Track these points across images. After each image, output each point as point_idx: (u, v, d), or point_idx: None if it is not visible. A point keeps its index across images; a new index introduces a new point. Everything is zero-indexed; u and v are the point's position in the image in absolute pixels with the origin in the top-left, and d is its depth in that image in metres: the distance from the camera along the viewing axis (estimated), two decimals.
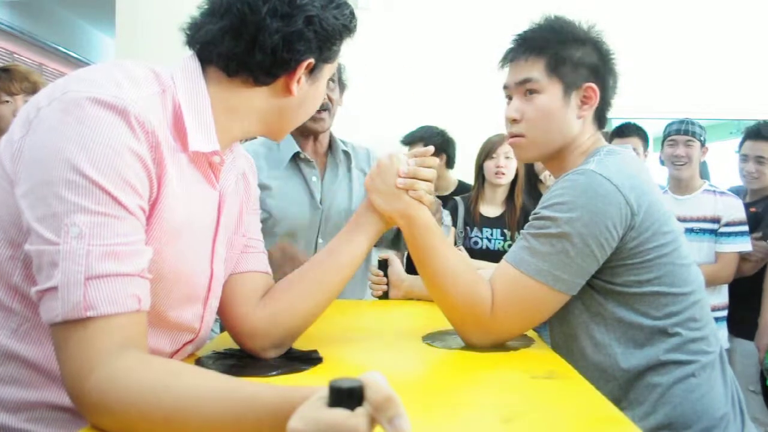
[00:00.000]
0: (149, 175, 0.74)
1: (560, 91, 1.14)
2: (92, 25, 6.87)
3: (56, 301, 0.66)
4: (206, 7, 0.86)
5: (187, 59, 0.87)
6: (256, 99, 0.88)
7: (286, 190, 1.70)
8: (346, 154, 1.81)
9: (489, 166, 2.58)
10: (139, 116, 0.72)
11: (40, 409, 0.76)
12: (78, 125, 0.69)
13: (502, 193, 2.64)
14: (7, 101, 2.14)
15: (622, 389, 1.07)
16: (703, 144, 2.57)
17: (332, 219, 1.73)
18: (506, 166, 2.56)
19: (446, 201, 2.75)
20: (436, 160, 1.09)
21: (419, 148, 1.09)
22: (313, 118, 1.52)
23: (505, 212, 2.61)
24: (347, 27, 0.90)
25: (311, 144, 1.76)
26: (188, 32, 0.87)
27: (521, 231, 1.10)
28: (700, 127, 2.59)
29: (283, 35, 0.83)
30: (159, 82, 0.80)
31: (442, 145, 2.97)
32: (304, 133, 1.73)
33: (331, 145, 1.80)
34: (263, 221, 1.69)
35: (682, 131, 2.56)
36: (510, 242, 2.54)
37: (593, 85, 1.15)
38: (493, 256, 2.48)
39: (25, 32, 5.81)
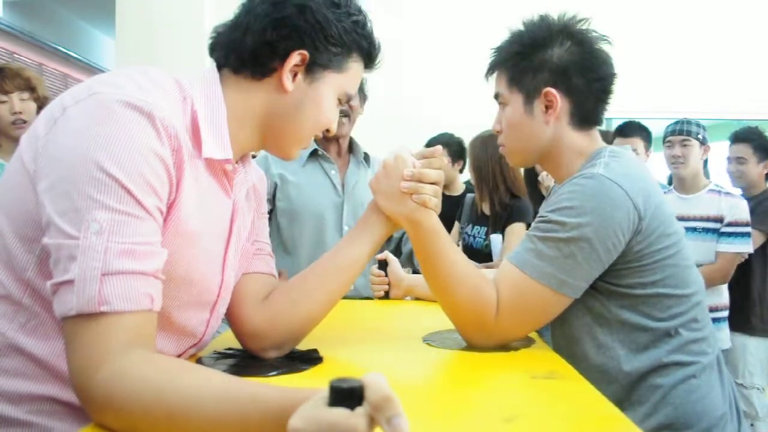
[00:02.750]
0: (170, 178, 0.76)
1: (521, 102, 1.15)
2: (92, 25, 6.87)
3: (71, 295, 0.67)
4: None
5: (207, 69, 0.90)
6: (255, 99, 0.89)
7: (308, 181, 1.99)
8: (367, 156, 2.10)
9: None
10: (164, 120, 0.74)
11: (41, 402, 0.77)
12: (105, 125, 0.71)
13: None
14: (4, 101, 2.11)
15: (625, 391, 1.07)
16: (702, 142, 2.58)
17: (355, 207, 1.99)
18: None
19: (455, 202, 2.97)
20: (443, 161, 1.06)
21: (426, 149, 1.06)
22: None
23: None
24: (351, 34, 0.90)
25: (333, 146, 2.04)
26: (211, 36, 0.92)
27: (527, 232, 1.09)
28: (698, 125, 2.60)
29: (271, 19, 0.86)
30: (180, 90, 0.83)
31: (461, 153, 3.25)
32: (327, 138, 1.98)
33: (352, 147, 2.08)
34: (289, 212, 1.93)
35: (677, 131, 2.61)
36: (488, 242, 2.56)
37: (552, 89, 1.11)
38: (473, 254, 2.50)
39: (25, 32, 5.81)
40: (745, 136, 2.75)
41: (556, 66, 1.12)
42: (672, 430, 1.05)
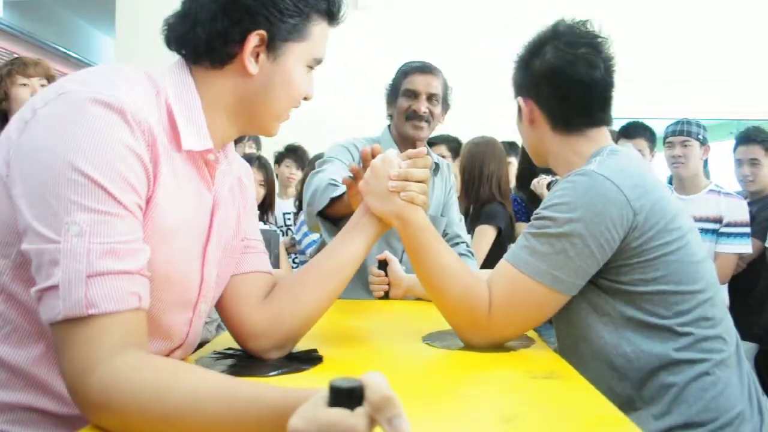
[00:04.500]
0: (147, 173, 0.75)
1: (517, 109, 1.24)
2: (92, 25, 6.87)
3: (57, 300, 0.66)
4: None
5: (178, 60, 0.87)
6: (222, 88, 0.86)
7: None
8: (436, 164, 2.01)
9: None
10: (135, 115, 0.73)
11: (18, 411, 0.76)
12: (75, 125, 0.69)
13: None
14: (25, 84, 2.23)
15: (636, 388, 1.06)
16: (702, 143, 2.57)
17: None
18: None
19: None
20: (429, 161, 1.08)
21: (412, 149, 1.08)
22: (414, 126, 1.85)
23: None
24: (307, 1, 0.86)
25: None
26: (163, 29, 0.88)
27: (523, 231, 1.10)
28: (698, 125, 2.59)
29: (219, 5, 0.81)
30: (152, 84, 0.81)
31: (459, 151, 3.27)
32: (405, 140, 1.88)
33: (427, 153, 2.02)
34: None
35: (677, 132, 2.60)
36: None
37: (521, 99, 1.21)
38: None
39: (25, 32, 5.81)
40: (756, 136, 2.69)
41: (531, 76, 1.18)
42: (687, 428, 1.03)
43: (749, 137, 2.71)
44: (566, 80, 1.14)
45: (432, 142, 3.26)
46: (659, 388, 1.05)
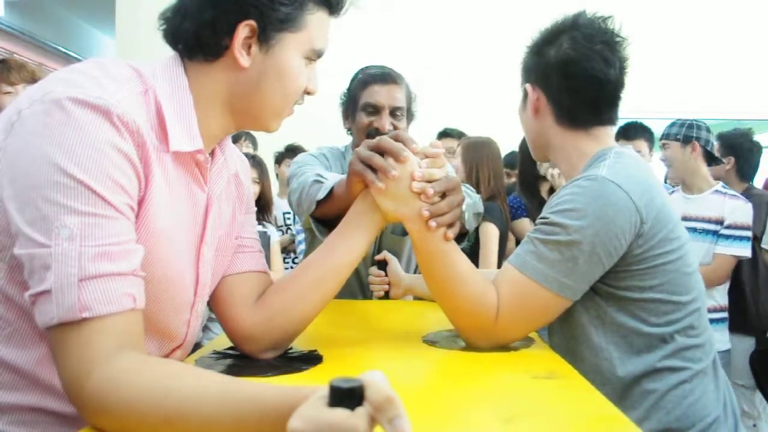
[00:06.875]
0: (137, 173, 0.74)
1: (522, 97, 1.23)
2: (92, 25, 6.88)
3: (51, 304, 0.65)
4: None
5: (169, 57, 0.86)
6: (215, 82, 0.84)
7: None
8: None
9: None
10: (122, 116, 0.71)
11: (22, 412, 0.76)
12: (61, 127, 0.68)
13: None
14: (9, 92, 2.16)
15: (617, 394, 1.06)
16: (685, 140, 2.50)
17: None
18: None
19: None
20: (444, 161, 1.04)
21: (429, 148, 1.03)
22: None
23: None
24: None
25: None
26: (160, 24, 0.86)
27: (528, 233, 1.09)
28: (682, 125, 2.53)
29: None
30: (141, 81, 0.79)
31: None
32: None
33: None
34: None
35: (661, 136, 2.61)
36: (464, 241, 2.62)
37: (528, 85, 1.18)
38: None
39: (25, 32, 5.82)
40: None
41: (543, 64, 1.16)
42: None
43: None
44: (580, 74, 1.12)
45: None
46: (639, 395, 1.06)
